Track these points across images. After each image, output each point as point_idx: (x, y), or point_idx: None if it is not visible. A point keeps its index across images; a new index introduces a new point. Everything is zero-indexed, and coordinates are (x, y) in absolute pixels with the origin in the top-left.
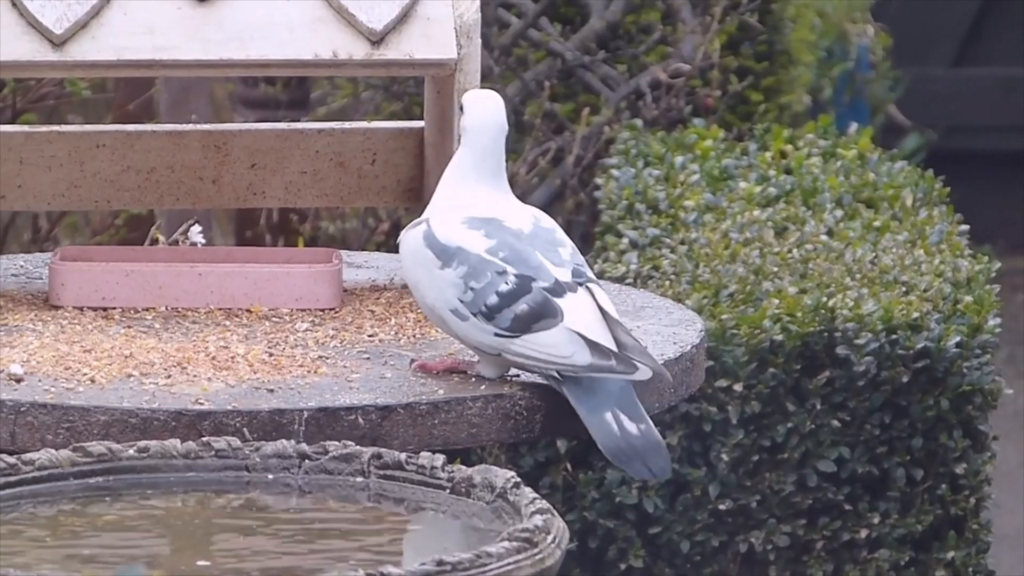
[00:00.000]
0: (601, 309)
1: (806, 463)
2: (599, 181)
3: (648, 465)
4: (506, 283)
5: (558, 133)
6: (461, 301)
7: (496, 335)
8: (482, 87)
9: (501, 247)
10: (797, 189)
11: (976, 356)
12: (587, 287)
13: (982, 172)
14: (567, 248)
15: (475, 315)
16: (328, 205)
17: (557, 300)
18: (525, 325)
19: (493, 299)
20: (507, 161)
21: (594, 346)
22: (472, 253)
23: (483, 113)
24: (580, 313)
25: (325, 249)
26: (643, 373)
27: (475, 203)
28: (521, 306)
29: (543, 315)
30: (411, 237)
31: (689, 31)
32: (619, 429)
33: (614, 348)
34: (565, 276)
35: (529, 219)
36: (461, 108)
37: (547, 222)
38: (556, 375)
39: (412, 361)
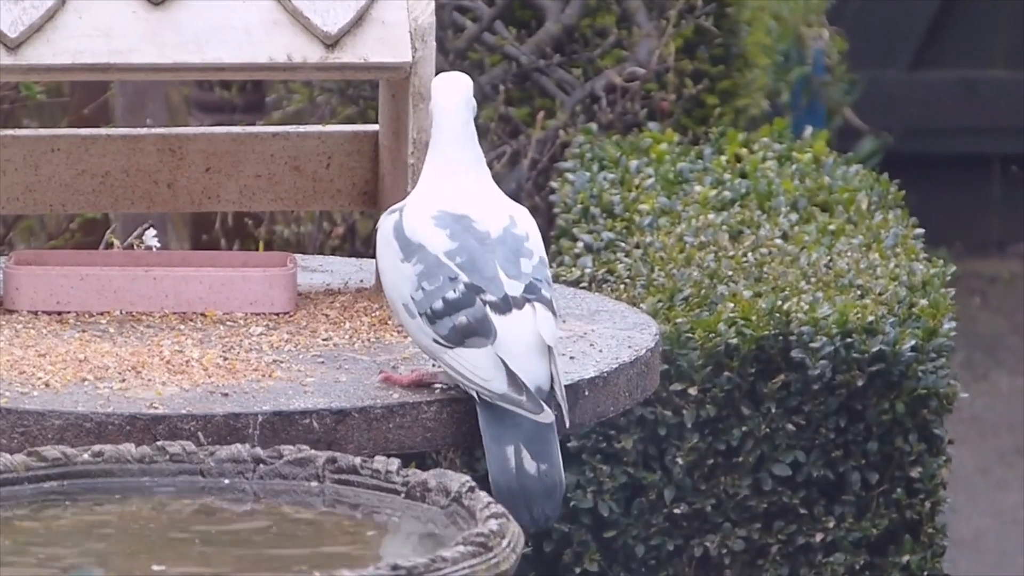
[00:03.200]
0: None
1: (761, 467)
2: (554, 185)
3: (531, 510)
4: (453, 291)
5: (513, 137)
6: (412, 298)
7: (434, 340)
8: None
9: (460, 251)
10: (752, 193)
11: (932, 360)
12: (533, 306)
13: (938, 175)
14: (532, 259)
15: (421, 315)
16: (283, 209)
17: (497, 318)
18: (459, 338)
19: (439, 304)
20: None
21: (512, 377)
22: (431, 253)
23: (450, 91)
24: (515, 336)
25: (280, 253)
26: (546, 417)
27: (453, 194)
28: (460, 318)
29: (477, 332)
30: (386, 224)
31: (644, 35)
32: (516, 466)
33: (543, 379)
34: (516, 291)
35: (503, 220)
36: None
37: (522, 227)
38: (476, 395)
39: (380, 372)
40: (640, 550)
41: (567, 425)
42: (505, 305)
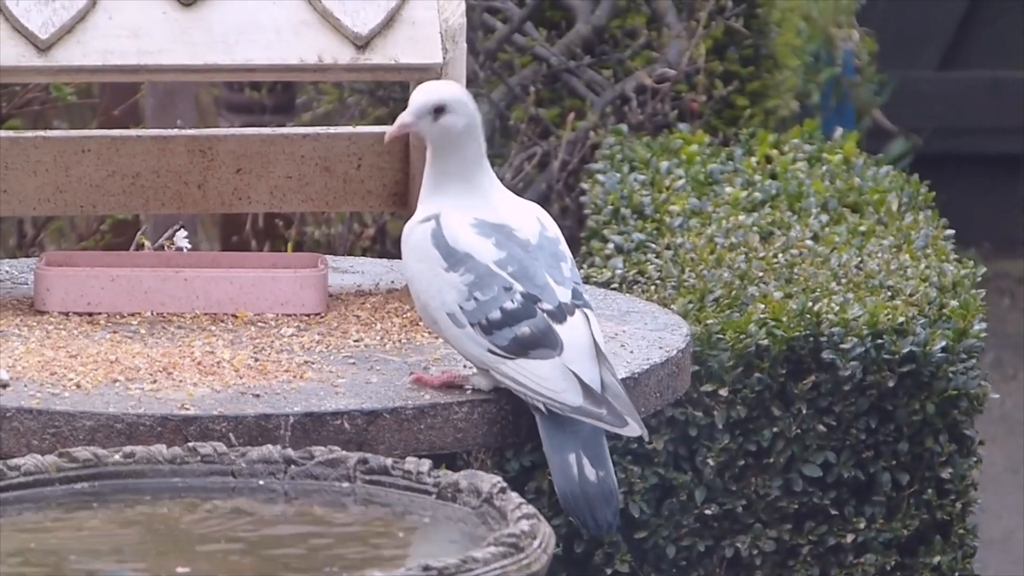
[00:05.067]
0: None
1: (792, 468)
2: (585, 186)
3: (595, 516)
4: (512, 301)
5: (544, 138)
6: (461, 308)
7: (490, 351)
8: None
9: (510, 261)
10: (782, 194)
11: (962, 360)
12: (583, 311)
13: (968, 176)
14: (568, 263)
15: (473, 325)
16: (313, 210)
17: (558, 327)
18: (522, 349)
19: (496, 314)
20: (493, 165)
21: (588, 390)
22: (481, 263)
23: (473, 108)
24: (576, 344)
25: (311, 254)
26: (632, 430)
27: (483, 201)
28: (523, 328)
29: (543, 343)
30: (419, 232)
31: (675, 36)
32: (578, 473)
33: (598, 385)
34: (566, 297)
35: (536, 225)
36: (441, 109)
37: (551, 230)
38: (542, 408)
39: (411, 373)
40: (671, 551)
41: (645, 435)
42: (560, 313)
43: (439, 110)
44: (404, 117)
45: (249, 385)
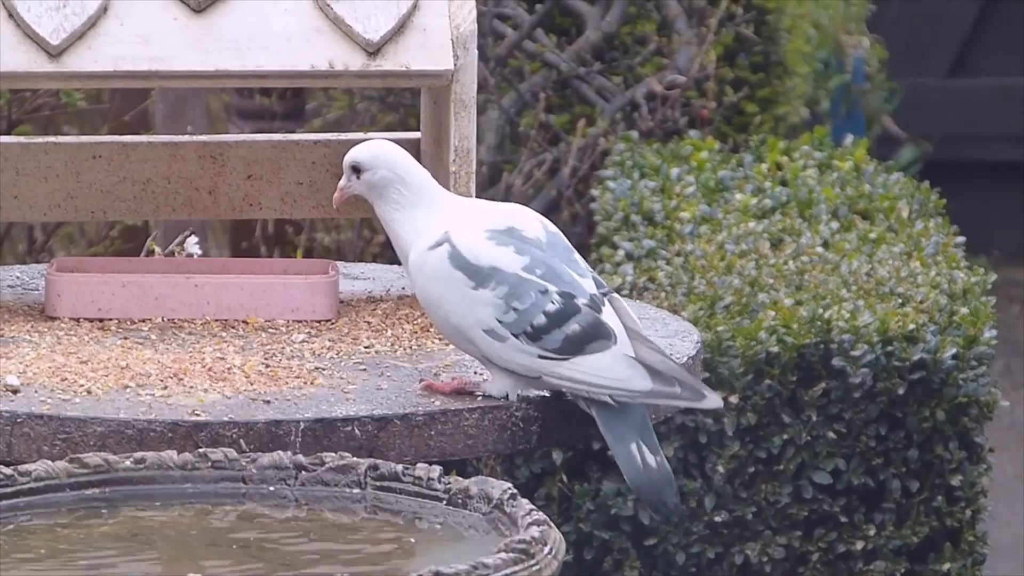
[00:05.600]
0: (626, 325)
1: (802, 475)
2: (595, 192)
3: (665, 500)
4: (552, 303)
5: (554, 144)
6: (500, 322)
7: (540, 356)
8: (478, 98)
9: (536, 264)
10: (793, 201)
11: (972, 368)
12: (610, 298)
13: (978, 183)
14: (575, 254)
15: (517, 336)
16: (324, 216)
17: (604, 318)
18: (577, 347)
19: (540, 319)
20: (503, 172)
21: (654, 372)
22: (509, 272)
23: (392, 156)
24: (621, 331)
25: (321, 260)
26: (711, 401)
27: (471, 215)
28: (572, 327)
29: (596, 336)
30: (435, 257)
31: (685, 42)
32: (642, 461)
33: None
34: (593, 288)
35: (536, 223)
36: (358, 168)
37: (549, 225)
38: (609, 399)
39: (421, 380)
40: (680, 558)
41: (720, 405)
42: (596, 305)
43: (356, 169)
44: (341, 182)
45: (260, 391)
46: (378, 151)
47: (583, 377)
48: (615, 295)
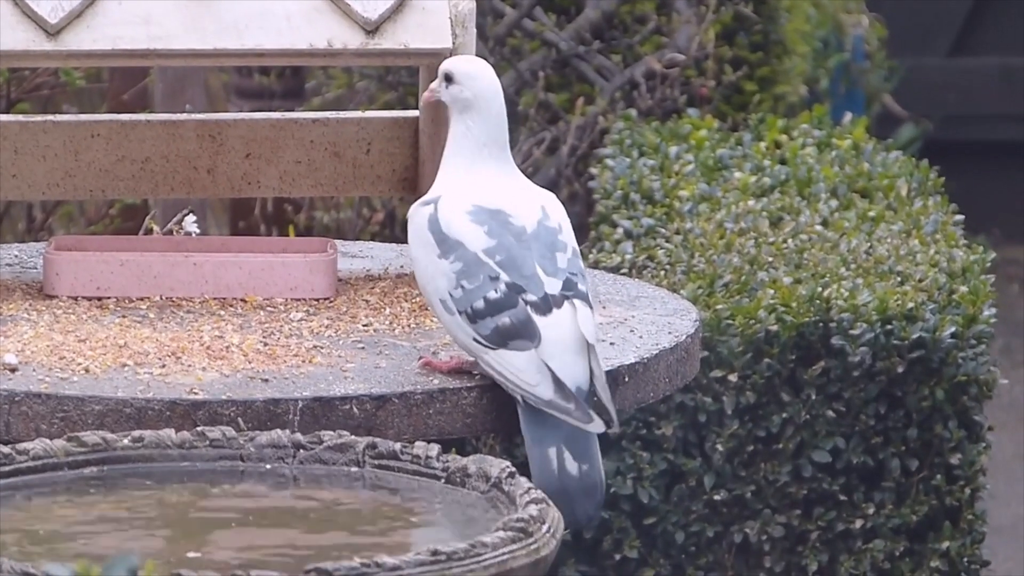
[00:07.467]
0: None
1: (801, 453)
2: (594, 171)
3: (574, 510)
4: (495, 291)
5: (553, 123)
6: (451, 295)
7: (475, 339)
8: None
9: (499, 249)
10: (792, 179)
11: (971, 346)
12: (572, 303)
13: (977, 162)
14: (566, 253)
15: (460, 313)
16: (323, 195)
17: (539, 319)
18: (502, 339)
19: (480, 303)
20: None
21: (559, 384)
22: (469, 250)
23: (490, 80)
24: (557, 337)
25: (320, 239)
26: (596, 426)
27: (486, 186)
28: (503, 319)
29: (521, 335)
30: (419, 217)
31: (684, 21)
32: (558, 467)
33: (583, 378)
34: (555, 288)
35: (536, 212)
36: (450, 78)
37: (554, 219)
38: (519, 398)
39: (420, 358)
40: (680, 537)
41: (615, 426)
42: (546, 305)
43: (448, 78)
44: (432, 84)
45: (258, 370)
46: (473, 70)
47: (502, 371)
48: (582, 302)
